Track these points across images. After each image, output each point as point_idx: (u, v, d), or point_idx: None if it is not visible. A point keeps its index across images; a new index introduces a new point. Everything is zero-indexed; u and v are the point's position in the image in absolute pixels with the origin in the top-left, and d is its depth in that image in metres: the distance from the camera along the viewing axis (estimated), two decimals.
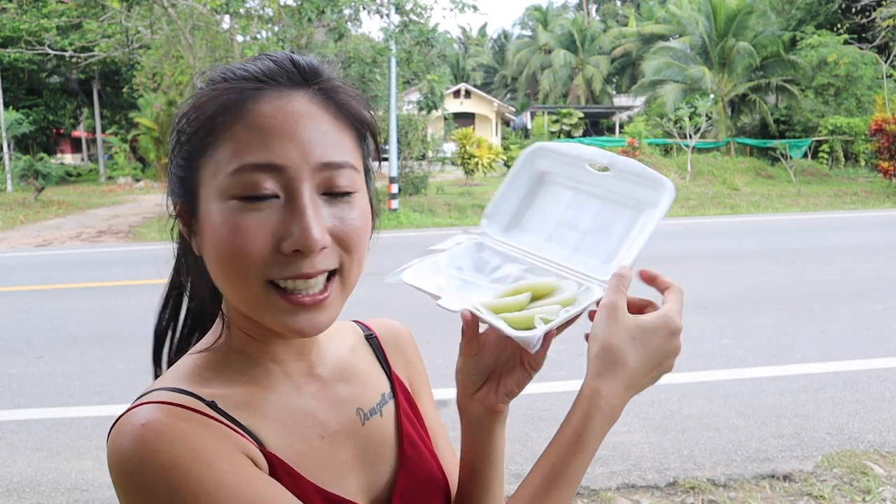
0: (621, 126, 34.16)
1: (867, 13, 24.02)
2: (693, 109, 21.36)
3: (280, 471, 0.70)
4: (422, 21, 15.37)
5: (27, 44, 21.15)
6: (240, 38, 14.82)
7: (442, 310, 0.80)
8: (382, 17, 15.07)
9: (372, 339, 0.92)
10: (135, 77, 20.70)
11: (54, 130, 33.13)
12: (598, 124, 39.00)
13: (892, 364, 4.71)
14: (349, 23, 14.95)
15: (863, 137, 21.15)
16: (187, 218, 0.73)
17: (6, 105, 25.56)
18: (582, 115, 33.80)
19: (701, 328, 5.57)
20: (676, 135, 21.60)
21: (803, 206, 16.24)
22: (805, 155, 22.52)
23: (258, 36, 14.70)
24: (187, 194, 0.71)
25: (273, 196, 0.66)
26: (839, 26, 23.87)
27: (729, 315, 6.04)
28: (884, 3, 22.92)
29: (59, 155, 36.33)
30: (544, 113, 34.98)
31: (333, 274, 0.70)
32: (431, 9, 18.31)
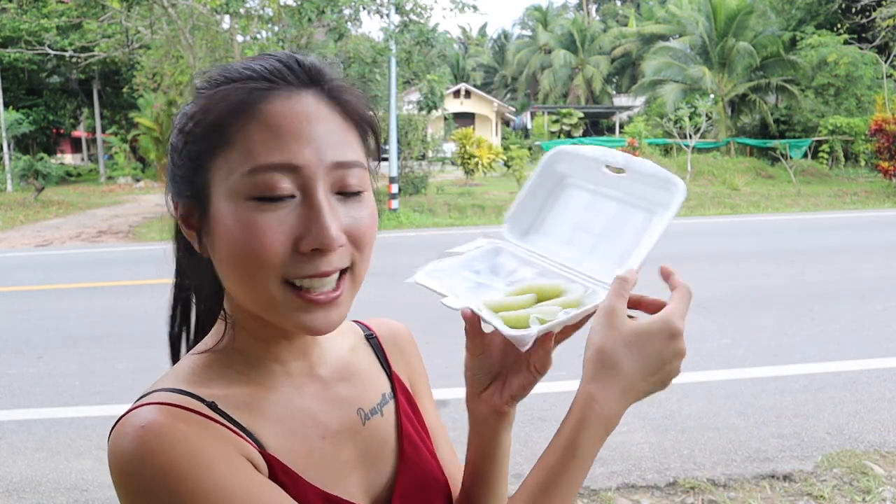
0: (621, 126, 34.17)
1: (867, 13, 24.03)
2: (693, 109, 21.35)
3: (279, 473, 0.70)
4: (422, 21, 15.37)
5: (27, 44, 21.17)
6: (240, 38, 14.81)
7: (444, 309, 0.81)
8: (382, 17, 15.07)
9: (372, 339, 0.92)
10: (135, 77, 20.67)
11: (54, 130, 33.14)
12: (598, 124, 39.01)
13: (892, 364, 4.71)
14: (349, 23, 14.94)
15: (863, 137, 21.16)
16: (193, 219, 0.72)
17: (6, 105, 25.57)
18: (582, 115, 33.82)
19: (701, 328, 5.57)
20: (676, 135, 21.59)
21: (803, 206, 16.23)
22: (805, 155, 22.53)
23: (258, 36, 14.69)
24: (195, 195, 0.70)
25: (289, 196, 0.66)
26: (839, 26, 23.87)
27: (729, 315, 6.04)
28: (884, 3, 22.92)
29: (59, 155, 36.33)
30: (544, 113, 35.00)
31: (345, 272, 0.71)
32: (431, 9, 18.35)
